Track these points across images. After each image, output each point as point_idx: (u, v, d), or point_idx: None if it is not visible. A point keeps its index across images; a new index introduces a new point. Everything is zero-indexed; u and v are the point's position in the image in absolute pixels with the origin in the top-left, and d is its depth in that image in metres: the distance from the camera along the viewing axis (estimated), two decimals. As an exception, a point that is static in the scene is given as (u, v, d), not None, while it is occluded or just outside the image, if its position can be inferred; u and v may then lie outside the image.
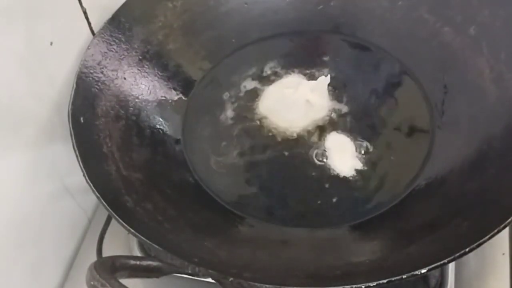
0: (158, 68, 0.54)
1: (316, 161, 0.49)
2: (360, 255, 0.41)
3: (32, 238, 0.46)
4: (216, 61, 0.58)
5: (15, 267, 0.44)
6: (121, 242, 0.51)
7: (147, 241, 0.38)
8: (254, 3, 0.59)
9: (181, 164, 0.51)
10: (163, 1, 0.55)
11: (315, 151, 0.50)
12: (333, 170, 0.48)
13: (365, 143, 0.50)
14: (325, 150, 0.49)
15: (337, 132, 0.51)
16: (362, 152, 0.49)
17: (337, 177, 0.48)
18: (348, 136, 0.50)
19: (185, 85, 0.56)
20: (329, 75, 0.53)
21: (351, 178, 0.48)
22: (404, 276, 0.33)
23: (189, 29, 0.57)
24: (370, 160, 0.48)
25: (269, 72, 0.57)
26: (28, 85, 0.44)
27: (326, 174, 0.48)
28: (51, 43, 0.46)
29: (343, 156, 0.49)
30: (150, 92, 0.53)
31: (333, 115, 0.52)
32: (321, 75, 0.54)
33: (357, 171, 0.48)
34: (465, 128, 0.47)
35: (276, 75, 0.56)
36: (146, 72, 0.53)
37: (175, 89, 0.55)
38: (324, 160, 0.49)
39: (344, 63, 0.56)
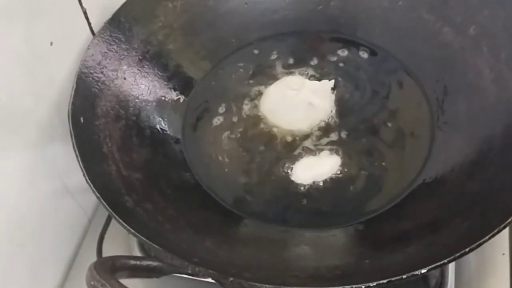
0: (158, 68, 0.54)
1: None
2: (360, 255, 0.41)
3: (32, 238, 0.46)
4: (216, 61, 0.58)
5: (14, 267, 0.44)
6: (121, 242, 0.50)
7: (147, 241, 0.38)
8: (254, 3, 0.59)
9: (181, 164, 0.51)
10: (163, 1, 0.56)
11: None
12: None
13: (365, 143, 0.50)
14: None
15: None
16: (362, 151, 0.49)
17: (336, 178, 0.48)
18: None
19: (185, 85, 0.56)
20: (333, 80, 0.53)
21: (351, 178, 0.48)
22: (404, 276, 0.33)
23: (189, 29, 0.57)
24: (370, 160, 0.48)
25: (269, 72, 0.57)
26: (28, 85, 0.44)
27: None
28: (51, 43, 0.46)
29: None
30: (150, 92, 0.53)
31: (334, 116, 0.52)
32: (320, 75, 0.54)
33: (358, 171, 0.48)
34: (465, 128, 0.47)
35: (276, 75, 0.56)
36: (146, 72, 0.53)
37: (175, 89, 0.55)
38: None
39: (344, 63, 0.56)
